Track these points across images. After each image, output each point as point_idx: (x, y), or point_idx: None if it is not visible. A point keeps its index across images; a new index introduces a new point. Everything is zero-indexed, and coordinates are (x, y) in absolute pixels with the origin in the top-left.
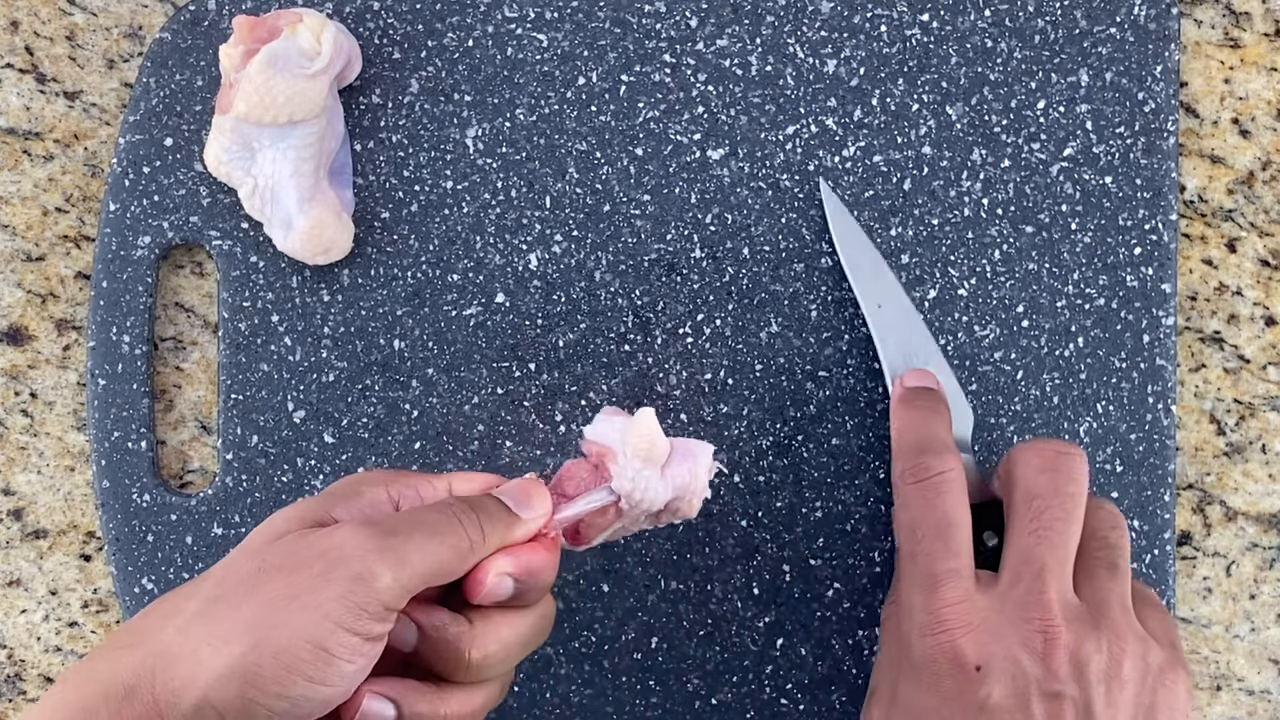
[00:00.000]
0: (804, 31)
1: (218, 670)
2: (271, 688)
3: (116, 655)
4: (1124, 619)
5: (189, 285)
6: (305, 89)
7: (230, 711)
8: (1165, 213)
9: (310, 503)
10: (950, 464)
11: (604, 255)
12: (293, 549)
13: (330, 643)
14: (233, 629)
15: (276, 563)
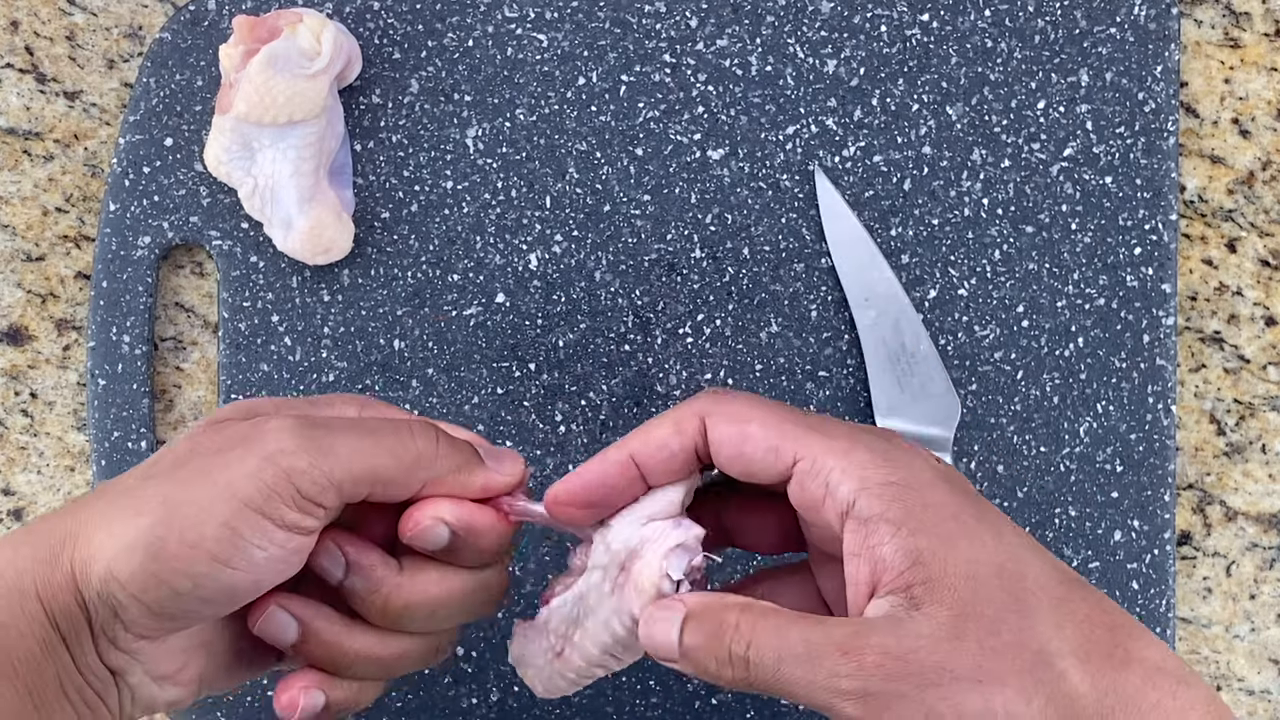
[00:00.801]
0: (804, 31)
1: (125, 540)
2: (175, 563)
3: (53, 521)
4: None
5: (189, 285)
6: (305, 89)
7: (134, 584)
8: (1165, 213)
9: (266, 400)
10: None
11: (604, 255)
12: (225, 433)
13: (237, 521)
14: (145, 502)
15: (207, 445)
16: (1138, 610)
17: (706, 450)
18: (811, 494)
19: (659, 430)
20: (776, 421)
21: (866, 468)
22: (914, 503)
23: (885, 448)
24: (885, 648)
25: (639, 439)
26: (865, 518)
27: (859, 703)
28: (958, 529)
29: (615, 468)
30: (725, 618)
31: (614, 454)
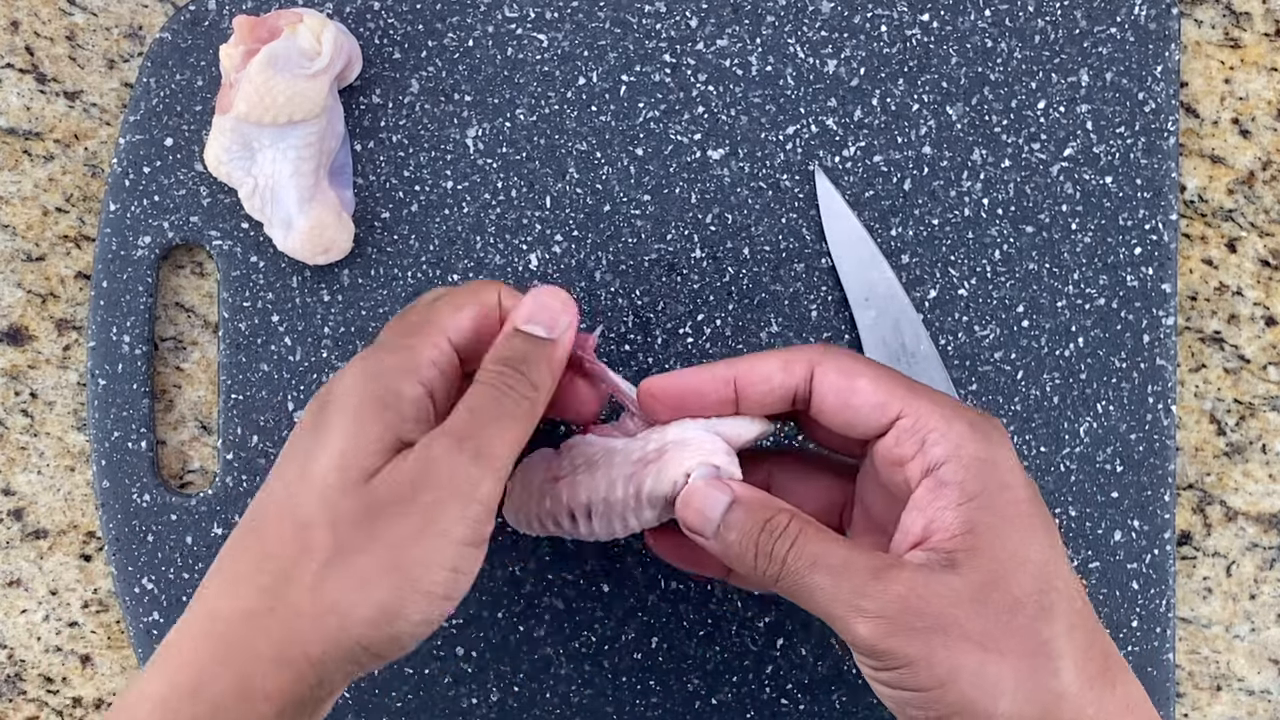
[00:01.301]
0: (804, 31)
1: (368, 617)
2: (416, 616)
3: (253, 625)
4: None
5: (189, 285)
6: (305, 89)
7: (376, 647)
8: (1165, 213)
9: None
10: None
11: (604, 255)
12: (395, 484)
13: (461, 562)
14: (370, 575)
15: (385, 501)
16: (1138, 610)
17: (806, 396)
18: (903, 449)
19: (766, 364)
20: (886, 380)
21: (964, 439)
22: (992, 483)
23: (985, 428)
24: (913, 583)
25: (746, 364)
26: (945, 481)
27: (872, 623)
28: (1018, 518)
29: (715, 383)
30: (776, 516)
31: (720, 370)
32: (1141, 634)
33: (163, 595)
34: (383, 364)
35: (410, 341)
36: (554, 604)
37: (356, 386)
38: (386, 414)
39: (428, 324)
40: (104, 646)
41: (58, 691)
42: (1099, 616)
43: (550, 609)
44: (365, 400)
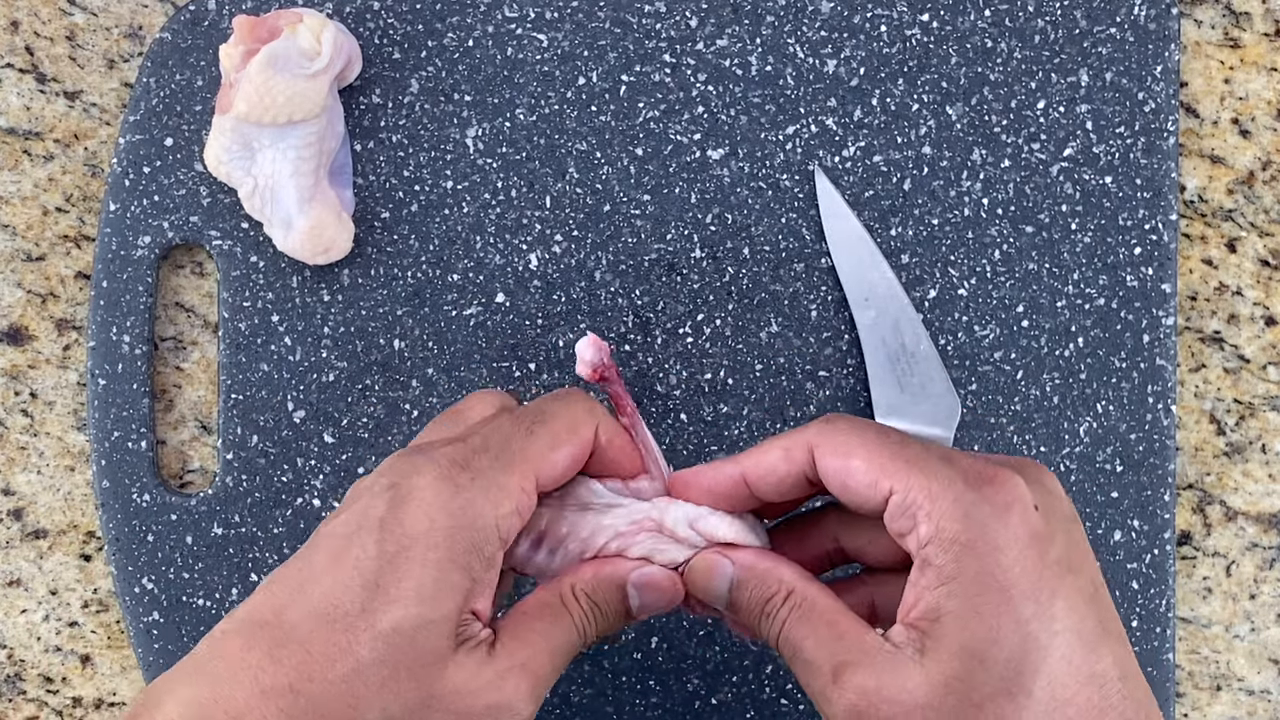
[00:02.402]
0: (804, 31)
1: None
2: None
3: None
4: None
5: (189, 285)
6: (305, 89)
7: None
8: (1165, 213)
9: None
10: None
11: (604, 255)
12: (459, 696)
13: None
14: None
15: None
16: (1138, 610)
17: (818, 476)
18: (899, 525)
19: (769, 455)
20: (880, 456)
21: (947, 517)
22: (969, 566)
23: (972, 500)
24: (864, 689)
25: (751, 460)
26: (928, 561)
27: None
28: (997, 602)
29: (727, 481)
30: (773, 599)
31: (728, 469)
32: (1141, 634)
33: (162, 595)
34: (472, 507)
35: (502, 480)
36: None
37: (441, 530)
38: (465, 582)
39: (522, 460)
40: (104, 646)
41: (58, 691)
42: None
43: None
44: (450, 557)
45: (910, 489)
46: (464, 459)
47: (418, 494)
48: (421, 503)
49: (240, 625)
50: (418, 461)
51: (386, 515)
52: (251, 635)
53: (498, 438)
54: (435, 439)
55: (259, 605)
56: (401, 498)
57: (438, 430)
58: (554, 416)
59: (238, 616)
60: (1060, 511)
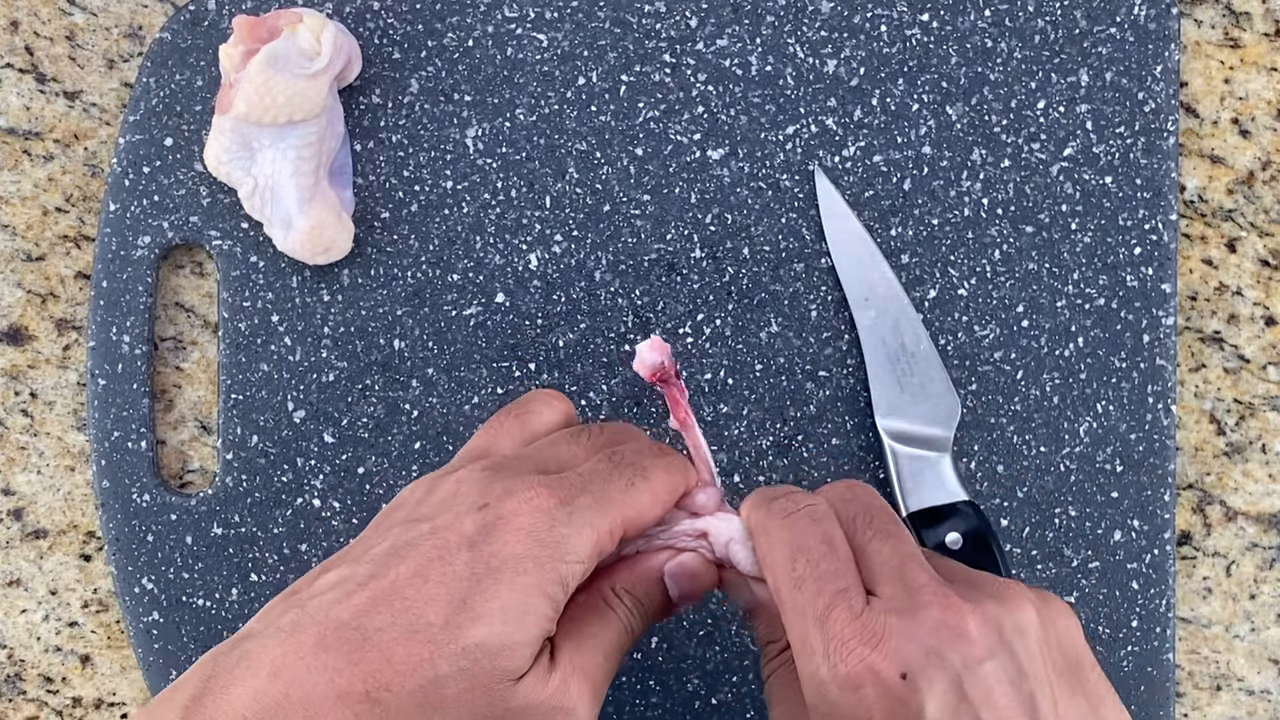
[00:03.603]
0: (804, 31)
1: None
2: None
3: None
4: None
5: (189, 285)
6: (305, 89)
7: None
8: (1165, 213)
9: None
10: (819, 500)
11: (604, 255)
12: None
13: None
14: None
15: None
16: (1138, 610)
17: None
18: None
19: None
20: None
21: (805, 683)
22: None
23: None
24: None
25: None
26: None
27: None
28: None
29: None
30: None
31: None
32: (1141, 634)
33: (162, 595)
34: (566, 543)
35: (597, 523)
36: None
37: (532, 559)
38: (549, 610)
39: (619, 510)
40: (104, 646)
41: (58, 691)
42: (1099, 618)
43: None
44: (538, 584)
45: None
46: (565, 493)
47: (514, 520)
48: (517, 530)
49: (314, 622)
50: (513, 486)
51: (478, 537)
52: (327, 635)
53: (598, 484)
54: (506, 448)
55: (332, 606)
56: (494, 520)
57: (504, 435)
58: (655, 475)
59: (311, 613)
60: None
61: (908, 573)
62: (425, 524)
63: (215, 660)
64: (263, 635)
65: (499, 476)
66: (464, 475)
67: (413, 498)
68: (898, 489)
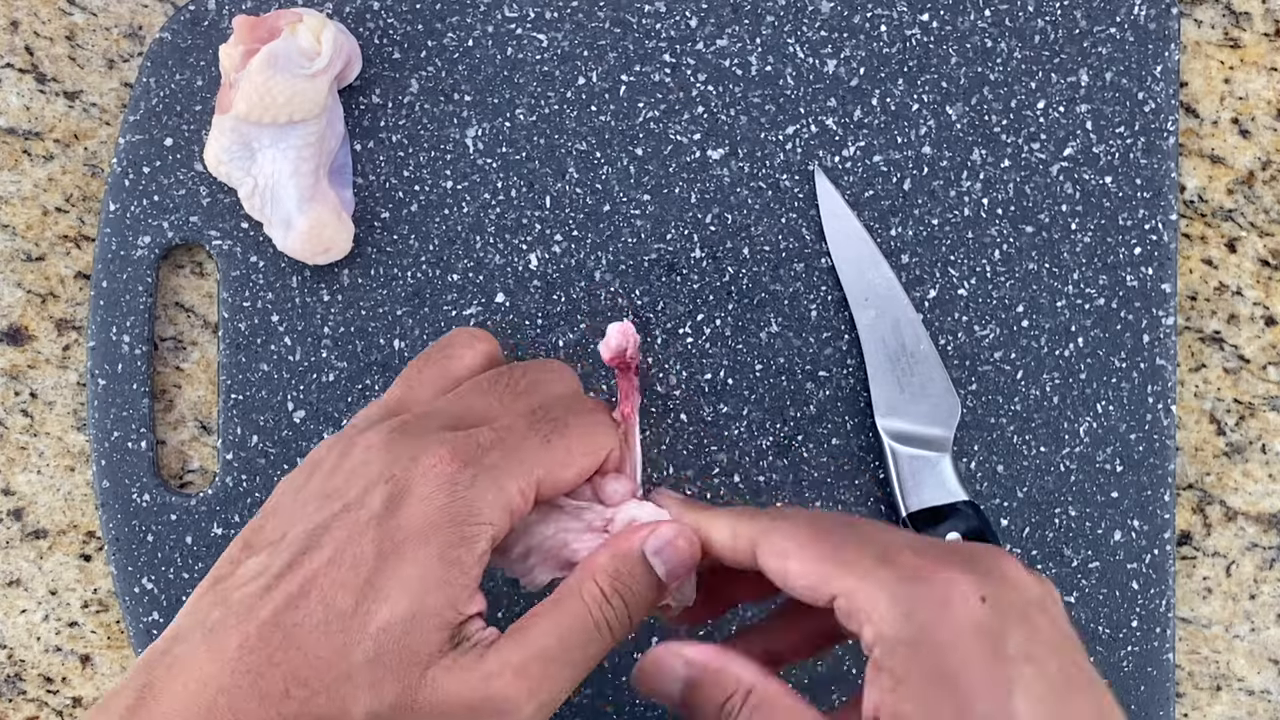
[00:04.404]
0: (804, 31)
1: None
2: None
3: None
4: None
5: (189, 285)
6: (305, 89)
7: None
8: (1165, 213)
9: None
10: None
11: (604, 255)
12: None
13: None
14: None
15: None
16: (1138, 610)
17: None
18: (851, 627)
19: (719, 529)
20: (814, 560)
21: (886, 621)
22: (918, 667)
23: (909, 599)
24: None
25: (705, 521)
26: (879, 664)
27: None
28: (951, 703)
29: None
30: (731, 698)
31: (688, 516)
32: (1141, 634)
33: (162, 595)
34: (470, 506)
35: (505, 483)
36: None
37: (435, 526)
38: (455, 578)
39: (531, 467)
40: (104, 646)
41: (57, 691)
42: (1099, 618)
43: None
44: (439, 554)
45: (850, 593)
46: (470, 454)
47: (416, 489)
48: (421, 499)
49: (238, 620)
50: (417, 451)
51: (384, 511)
52: (250, 636)
53: (512, 439)
54: (422, 398)
55: (255, 602)
56: (400, 493)
57: (422, 383)
58: (574, 432)
59: (235, 609)
60: (1013, 600)
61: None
62: (337, 501)
63: (149, 668)
64: (190, 638)
65: (405, 440)
66: (373, 439)
67: (326, 462)
68: (898, 489)
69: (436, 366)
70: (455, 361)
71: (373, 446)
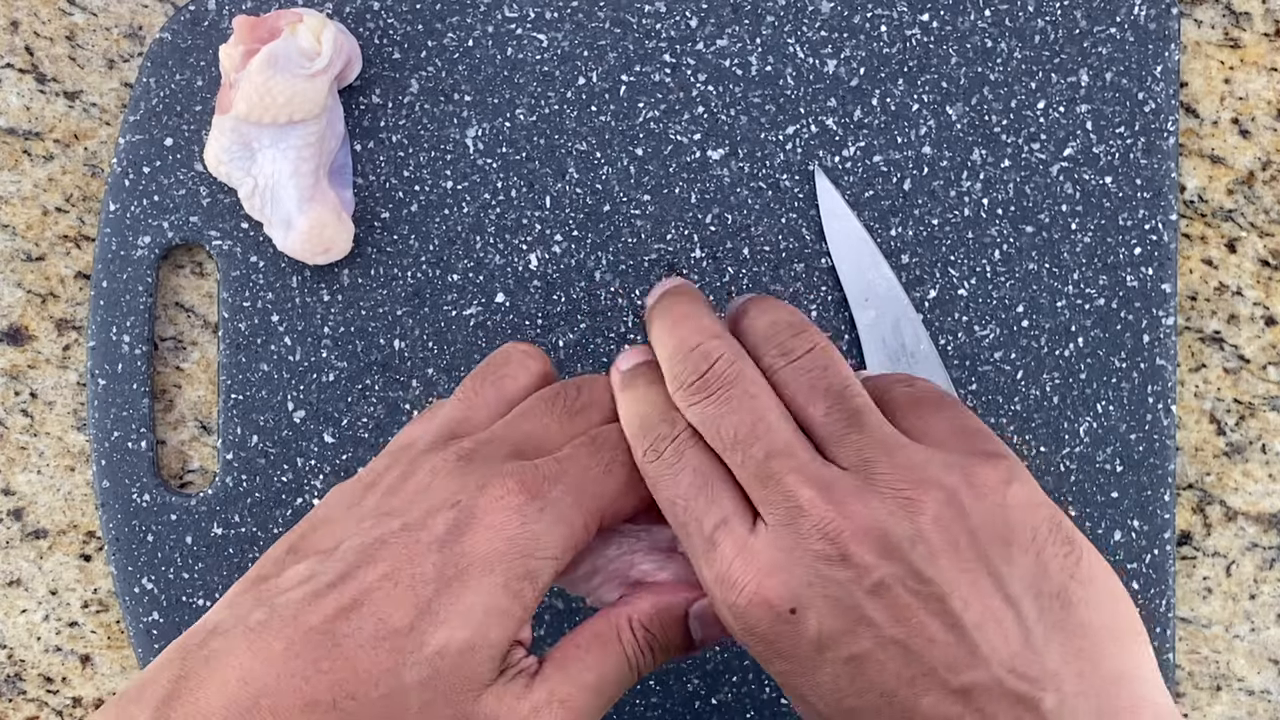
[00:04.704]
0: (804, 31)
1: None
2: None
3: None
4: (896, 457)
5: (189, 285)
6: (305, 89)
7: None
8: (1165, 213)
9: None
10: (680, 423)
11: (604, 255)
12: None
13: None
14: None
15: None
16: (1138, 610)
17: None
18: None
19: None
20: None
21: None
22: None
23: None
24: None
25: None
26: None
27: None
28: None
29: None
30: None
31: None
32: None
33: (162, 595)
34: (537, 539)
35: (571, 515)
36: (554, 605)
37: (500, 555)
38: (517, 610)
39: (595, 498)
40: (104, 646)
41: (58, 691)
42: None
43: (550, 609)
44: (504, 584)
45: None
46: (536, 486)
47: (483, 518)
48: (488, 528)
49: (283, 624)
50: (486, 479)
51: (447, 536)
52: (296, 641)
53: (575, 470)
54: (481, 419)
55: (302, 607)
56: (465, 519)
57: (480, 404)
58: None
59: (280, 612)
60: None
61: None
62: (396, 520)
63: (184, 658)
64: (231, 633)
65: (473, 467)
66: (439, 465)
67: (385, 479)
68: None
69: (493, 388)
70: (510, 381)
71: (438, 471)
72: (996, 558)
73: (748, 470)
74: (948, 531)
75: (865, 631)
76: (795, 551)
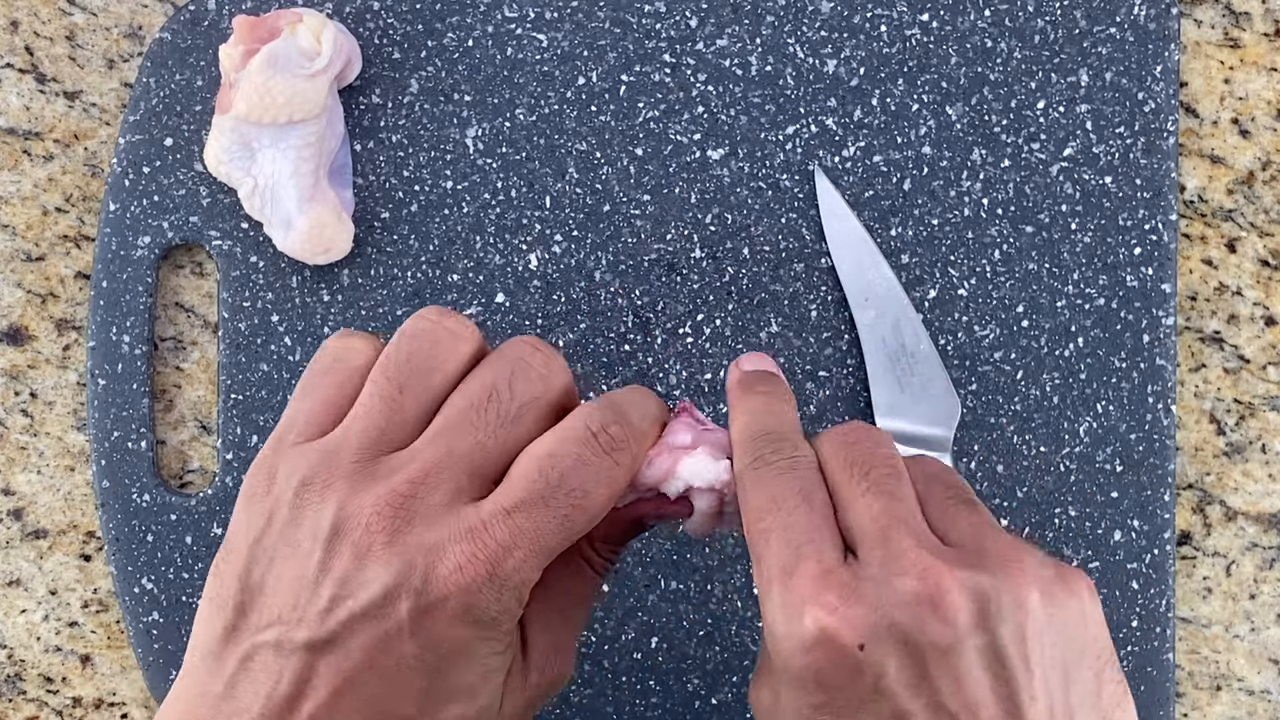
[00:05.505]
0: (804, 31)
1: None
2: None
3: None
4: (1008, 544)
5: (189, 285)
6: (305, 89)
7: None
8: (1165, 213)
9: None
10: (806, 450)
11: (604, 255)
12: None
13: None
14: None
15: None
16: (1138, 610)
17: None
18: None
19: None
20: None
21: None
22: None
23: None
24: None
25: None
26: None
27: None
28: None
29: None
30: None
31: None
32: (1141, 634)
33: (162, 595)
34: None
35: (529, 575)
36: None
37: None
38: (502, 669)
39: (550, 552)
40: (104, 646)
41: (58, 691)
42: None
43: None
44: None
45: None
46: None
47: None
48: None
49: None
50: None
51: (415, 627)
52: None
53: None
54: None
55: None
56: (428, 607)
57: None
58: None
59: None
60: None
61: (892, 535)
62: (349, 601)
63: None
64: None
65: (412, 533)
66: (373, 520)
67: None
68: None
69: (421, 385)
70: (439, 376)
71: (373, 529)
72: (1071, 664)
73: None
74: (1037, 621)
75: (925, 689)
76: (885, 588)
